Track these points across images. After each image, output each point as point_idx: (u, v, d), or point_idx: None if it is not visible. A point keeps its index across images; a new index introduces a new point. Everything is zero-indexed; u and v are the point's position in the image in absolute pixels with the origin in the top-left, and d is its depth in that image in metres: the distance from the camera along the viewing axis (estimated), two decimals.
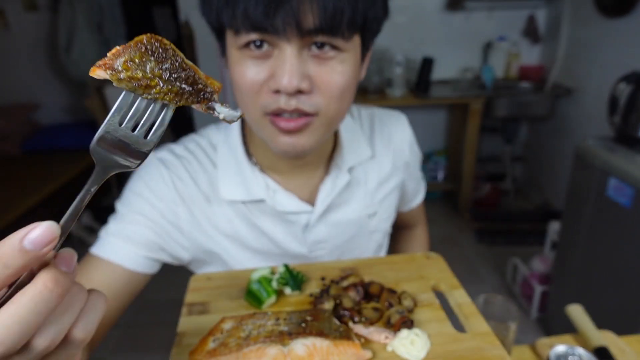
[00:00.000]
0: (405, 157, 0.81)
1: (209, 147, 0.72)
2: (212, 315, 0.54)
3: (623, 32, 2.23)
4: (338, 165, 0.72)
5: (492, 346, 0.48)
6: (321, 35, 0.51)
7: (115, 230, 0.64)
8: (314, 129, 0.58)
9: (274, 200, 0.68)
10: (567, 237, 1.80)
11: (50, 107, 3.59)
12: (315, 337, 0.45)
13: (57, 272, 0.25)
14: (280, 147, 0.58)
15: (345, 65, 0.55)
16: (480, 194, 3.11)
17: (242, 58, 0.54)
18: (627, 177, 1.42)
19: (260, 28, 0.50)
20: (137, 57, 0.29)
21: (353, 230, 0.76)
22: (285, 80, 0.51)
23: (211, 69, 3.10)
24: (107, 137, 0.30)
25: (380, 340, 0.49)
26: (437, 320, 0.52)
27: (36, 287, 0.25)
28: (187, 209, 0.67)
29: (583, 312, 0.79)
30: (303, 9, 0.48)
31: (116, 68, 0.28)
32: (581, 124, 2.62)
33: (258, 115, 0.57)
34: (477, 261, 2.59)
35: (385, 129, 0.79)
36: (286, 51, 0.51)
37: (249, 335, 0.46)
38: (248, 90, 0.55)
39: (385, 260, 0.66)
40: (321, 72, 0.54)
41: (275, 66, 0.53)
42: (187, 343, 0.49)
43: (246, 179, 0.68)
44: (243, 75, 0.54)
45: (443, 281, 0.60)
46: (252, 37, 0.52)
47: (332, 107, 0.57)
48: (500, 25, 3.03)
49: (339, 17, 0.49)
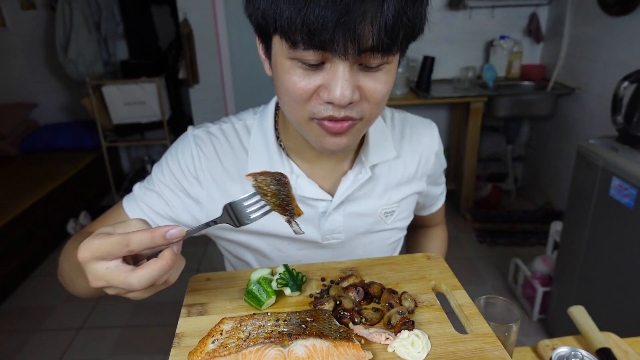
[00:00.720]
0: (430, 165, 0.83)
1: (243, 129, 0.76)
2: (211, 316, 0.54)
3: (626, 30, 2.22)
4: (362, 162, 0.75)
5: (493, 347, 0.48)
6: (377, 54, 0.52)
7: (142, 195, 0.73)
8: (357, 130, 0.61)
9: (296, 183, 0.72)
10: (570, 238, 1.79)
11: (48, 106, 3.59)
12: (315, 338, 0.45)
13: (172, 252, 0.46)
14: (326, 146, 0.61)
15: (389, 75, 0.57)
16: (482, 194, 3.10)
17: (292, 67, 0.55)
18: (630, 177, 1.41)
19: (320, 47, 0.50)
20: (269, 181, 0.52)
21: (368, 224, 0.78)
22: (339, 94, 0.53)
23: (209, 65, 3.10)
24: (233, 204, 0.52)
25: (381, 342, 0.49)
26: (437, 321, 0.52)
27: (162, 260, 0.45)
28: (208, 186, 0.72)
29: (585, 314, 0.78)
30: (364, 32, 0.49)
31: (256, 179, 0.51)
32: (584, 124, 2.61)
33: (304, 119, 0.59)
34: (478, 262, 2.58)
35: (415, 135, 0.82)
36: (339, 66, 0.52)
37: (249, 336, 0.46)
38: (297, 97, 0.57)
39: (385, 261, 0.65)
40: (369, 83, 0.56)
41: (327, 78, 0.54)
42: (186, 344, 0.49)
43: (273, 161, 0.72)
44: (293, 84, 0.56)
45: (444, 282, 0.59)
46: (308, 56, 0.52)
47: (375, 112, 0.60)
48: (502, 24, 3.02)
49: (396, 38, 0.51)
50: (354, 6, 0.47)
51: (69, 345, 2.05)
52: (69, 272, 0.67)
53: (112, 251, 0.44)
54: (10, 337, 2.12)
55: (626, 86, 1.52)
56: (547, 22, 3.00)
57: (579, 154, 1.67)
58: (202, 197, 0.73)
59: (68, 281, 0.69)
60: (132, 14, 3.32)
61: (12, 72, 3.45)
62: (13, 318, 2.25)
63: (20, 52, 3.42)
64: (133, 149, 3.81)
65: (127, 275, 0.44)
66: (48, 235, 2.75)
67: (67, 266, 0.68)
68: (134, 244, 0.44)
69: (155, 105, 3.14)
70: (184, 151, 0.73)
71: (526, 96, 2.80)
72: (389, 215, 0.80)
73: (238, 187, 0.73)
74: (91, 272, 0.45)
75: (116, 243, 0.44)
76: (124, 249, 0.44)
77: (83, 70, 3.16)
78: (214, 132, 0.75)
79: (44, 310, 2.29)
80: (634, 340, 0.76)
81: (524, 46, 3.05)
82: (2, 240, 2.37)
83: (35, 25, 3.35)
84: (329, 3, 0.46)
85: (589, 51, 2.53)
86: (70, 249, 0.67)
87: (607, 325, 0.83)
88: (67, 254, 0.68)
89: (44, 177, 2.88)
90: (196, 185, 0.72)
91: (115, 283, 0.45)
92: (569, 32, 2.70)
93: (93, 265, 0.45)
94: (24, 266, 2.55)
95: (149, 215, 0.72)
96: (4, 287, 2.39)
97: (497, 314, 0.65)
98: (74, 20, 3.05)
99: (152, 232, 0.44)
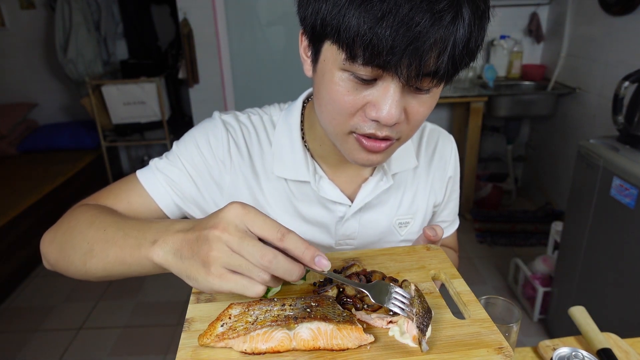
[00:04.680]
0: (447, 175, 0.82)
1: (269, 123, 0.75)
2: (219, 303, 0.55)
3: (627, 30, 2.21)
4: (384, 170, 0.74)
5: (490, 331, 0.49)
6: (435, 79, 0.51)
7: (163, 167, 0.70)
8: (392, 150, 0.61)
9: (318, 185, 0.72)
10: (570, 238, 1.79)
11: (47, 106, 3.59)
12: (319, 322, 0.46)
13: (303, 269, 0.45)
14: (359, 161, 0.61)
15: (433, 99, 0.57)
16: (482, 194, 3.10)
17: (343, 79, 0.53)
18: (631, 177, 1.41)
19: (382, 67, 0.48)
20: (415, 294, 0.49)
21: (381, 233, 0.78)
22: (387, 114, 0.52)
23: (209, 65, 3.10)
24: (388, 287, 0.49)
25: (383, 326, 0.50)
26: (436, 307, 0.53)
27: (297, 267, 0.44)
28: (234, 172, 0.72)
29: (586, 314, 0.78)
30: (431, 59, 0.47)
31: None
32: (584, 124, 2.61)
33: (344, 132, 0.58)
34: (479, 262, 2.58)
35: (432, 144, 0.81)
36: (391, 85, 0.51)
37: (256, 320, 0.47)
38: (342, 110, 0.55)
39: (386, 252, 0.66)
40: (414, 105, 0.55)
41: (377, 96, 0.52)
42: (196, 328, 0.51)
43: (297, 160, 0.71)
44: (341, 97, 0.54)
45: (443, 271, 0.60)
46: (364, 71, 0.50)
47: (411, 133, 0.60)
48: (503, 23, 3.02)
49: (461, 67, 0.51)
50: (428, 34, 0.45)
51: (68, 345, 2.05)
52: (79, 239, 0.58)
53: (268, 235, 0.42)
54: (10, 337, 2.12)
55: (627, 86, 1.52)
56: (547, 22, 2.99)
57: (579, 153, 1.67)
58: (225, 182, 0.72)
59: (68, 248, 0.60)
60: (132, 13, 3.32)
61: (11, 71, 3.45)
62: (13, 318, 2.25)
63: (19, 51, 3.42)
64: (133, 149, 3.81)
65: (290, 262, 0.43)
66: None
67: (77, 232, 0.59)
68: (288, 241, 0.42)
69: (155, 105, 3.14)
70: (215, 133, 0.71)
71: (527, 96, 2.80)
72: (403, 226, 0.79)
73: (260, 180, 0.73)
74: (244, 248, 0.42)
75: (275, 229, 0.42)
76: (277, 239, 0.42)
77: (83, 70, 3.16)
78: (243, 121, 0.74)
79: (43, 310, 2.29)
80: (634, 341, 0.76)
81: (525, 46, 3.05)
82: (2, 240, 2.37)
83: (35, 25, 3.35)
84: (402, 26, 0.44)
85: (590, 51, 2.53)
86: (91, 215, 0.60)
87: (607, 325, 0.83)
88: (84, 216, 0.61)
89: (43, 177, 2.88)
90: (222, 169, 0.71)
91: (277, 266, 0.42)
92: (570, 32, 2.70)
93: (251, 240, 0.42)
94: (24, 266, 2.55)
95: (167, 191, 0.69)
96: (4, 287, 2.39)
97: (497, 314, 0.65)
98: (74, 19, 3.05)
99: (307, 246, 0.43)
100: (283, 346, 0.46)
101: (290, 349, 0.46)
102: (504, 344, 0.47)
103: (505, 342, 0.47)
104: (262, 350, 0.46)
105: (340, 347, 0.46)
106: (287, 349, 0.46)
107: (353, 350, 0.46)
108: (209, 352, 0.46)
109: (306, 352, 0.46)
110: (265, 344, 0.46)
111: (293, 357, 0.45)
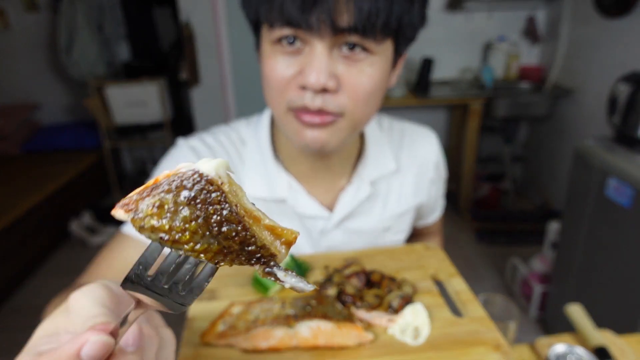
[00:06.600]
0: (429, 175, 0.80)
1: (238, 141, 0.73)
2: (220, 302, 0.55)
3: (623, 32, 2.23)
4: (361, 177, 0.72)
5: (487, 329, 0.50)
6: (354, 35, 0.51)
7: None
8: (338, 129, 0.58)
9: (295, 200, 0.69)
10: (567, 237, 1.80)
11: (51, 107, 3.60)
12: (319, 320, 0.47)
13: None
14: (303, 140, 0.58)
15: (374, 69, 0.55)
16: (480, 194, 3.12)
17: (273, 53, 0.55)
18: (626, 177, 1.42)
19: (294, 23, 0.50)
20: (167, 202, 0.22)
21: (367, 240, 0.76)
22: (313, 77, 0.51)
23: (210, 66, 3.11)
24: (133, 283, 0.24)
25: (382, 324, 0.51)
26: (435, 306, 0.54)
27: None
28: None
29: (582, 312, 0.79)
30: (339, 8, 0.48)
31: (140, 210, 0.22)
32: (581, 124, 2.62)
33: (283, 111, 0.58)
34: (477, 261, 2.59)
35: (413, 145, 0.79)
36: (317, 48, 0.52)
37: (257, 318, 0.48)
38: (276, 84, 0.56)
39: (386, 251, 0.67)
40: (349, 73, 0.54)
41: (304, 62, 0.53)
42: (197, 327, 0.51)
43: (271, 177, 0.69)
44: (273, 70, 0.55)
45: (441, 270, 0.61)
46: (285, 32, 0.52)
47: (357, 109, 0.57)
48: (500, 25, 3.03)
49: (374, 19, 0.49)
50: None
51: None
52: None
53: None
54: (10, 337, 2.13)
55: (622, 87, 1.54)
56: (544, 24, 3.01)
57: (576, 154, 1.68)
58: None
59: None
60: (134, 15, 3.33)
61: (15, 73, 3.46)
62: (14, 317, 2.26)
63: (23, 53, 3.43)
64: (135, 150, 3.82)
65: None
66: (50, 235, 2.76)
67: None
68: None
69: (157, 106, 3.15)
70: (184, 161, 0.69)
71: (524, 97, 2.81)
72: (387, 230, 0.78)
73: None
74: None
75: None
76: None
77: (86, 71, 3.17)
78: (211, 143, 0.71)
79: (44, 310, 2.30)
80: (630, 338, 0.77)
81: (522, 47, 3.06)
82: (5, 240, 2.38)
83: (39, 27, 3.36)
84: None
85: (586, 52, 2.54)
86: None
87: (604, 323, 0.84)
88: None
89: (46, 177, 2.88)
90: None
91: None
92: (566, 34, 2.71)
93: None
94: (27, 266, 2.56)
95: None
96: (7, 287, 2.40)
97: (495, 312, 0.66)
98: (77, 21, 3.06)
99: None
100: (284, 344, 0.46)
101: (290, 347, 0.46)
102: (501, 341, 0.48)
103: (502, 340, 0.48)
104: (262, 348, 0.46)
105: (340, 345, 0.46)
106: (288, 347, 0.46)
107: (353, 348, 0.47)
108: (210, 350, 0.47)
109: (306, 350, 0.46)
110: (266, 342, 0.46)
111: (294, 355, 0.46)
